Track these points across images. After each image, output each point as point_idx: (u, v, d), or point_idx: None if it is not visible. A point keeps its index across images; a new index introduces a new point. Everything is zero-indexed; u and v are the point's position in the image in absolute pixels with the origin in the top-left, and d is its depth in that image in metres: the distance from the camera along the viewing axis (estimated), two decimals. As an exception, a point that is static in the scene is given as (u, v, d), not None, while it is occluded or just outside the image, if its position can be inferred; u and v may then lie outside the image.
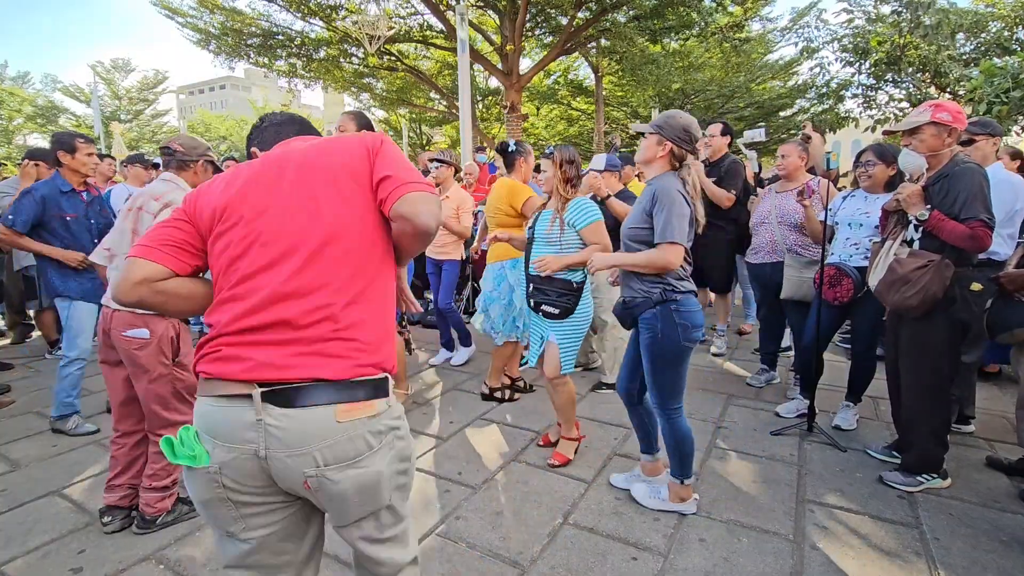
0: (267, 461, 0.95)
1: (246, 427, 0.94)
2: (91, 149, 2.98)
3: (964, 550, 1.91)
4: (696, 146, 1.99)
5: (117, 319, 1.99)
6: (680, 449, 2.09)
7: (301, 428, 0.94)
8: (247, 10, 11.21)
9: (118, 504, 2.08)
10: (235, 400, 0.95)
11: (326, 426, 0.95)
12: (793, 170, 3.23)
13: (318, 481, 0.96)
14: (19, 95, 23.28)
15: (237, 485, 0.97)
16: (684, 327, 1.96)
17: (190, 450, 0.95)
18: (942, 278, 2.07)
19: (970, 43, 8.93)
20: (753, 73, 15.73)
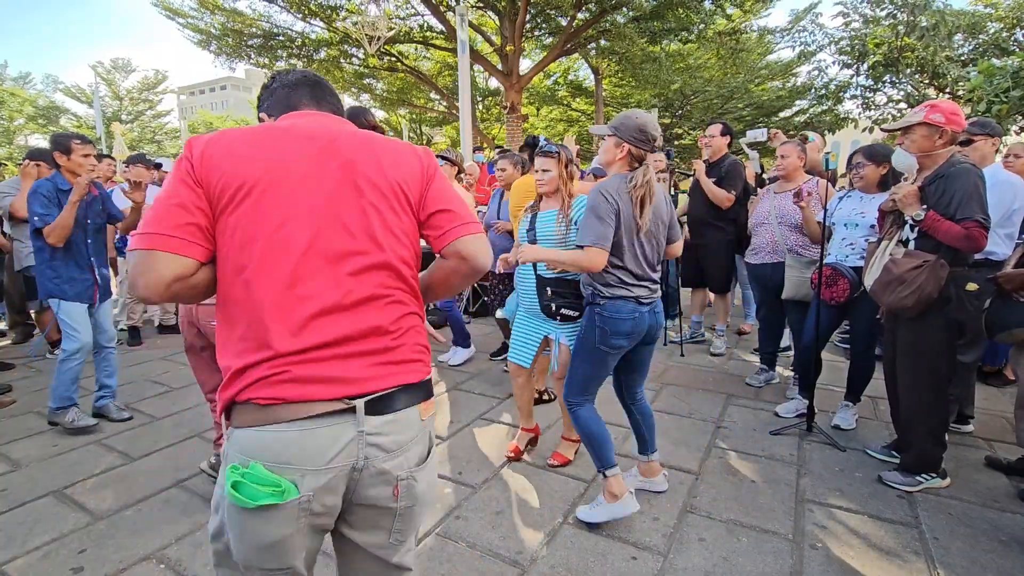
0: (361, 474, 0.92)
1: (343, 444, 0.89)
2: (87, 150, 2.96)
3: (963, 550, 1.91)
4: (655, 145, 1.96)
5: (203, 312, 2.13)
6: (587, 438, 2.09)
7: (399, 432, 0.95)
8: (248, 11, 11.24)
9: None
10: (326, 418, 0.88)
11: (416, 426, 0.98)
12: (792, 170, 3.24)
13: (407, 484, 0.96)
14: (20, 96, 23.31)
15: (324, 509, 0.91)
16: (602, 331, 1.97)
17: (273, 486, 0.85)
18: (937, 278, 2.08)
19: (968, 44, 8.95)
20: (752, 74, 15.74)
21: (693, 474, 2.45)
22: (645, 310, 2.00)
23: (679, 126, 17.87)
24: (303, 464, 0.87)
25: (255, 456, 0.87)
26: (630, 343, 2.02)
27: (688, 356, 4.16)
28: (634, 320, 1.98)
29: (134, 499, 2.27)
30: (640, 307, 1.99)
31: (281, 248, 0.89)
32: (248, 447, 0.88)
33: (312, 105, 1.08)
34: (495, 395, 3.46)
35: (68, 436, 2.89)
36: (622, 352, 2.05)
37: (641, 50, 11.47)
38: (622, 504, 2.03)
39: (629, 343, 2.02)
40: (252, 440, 0.88)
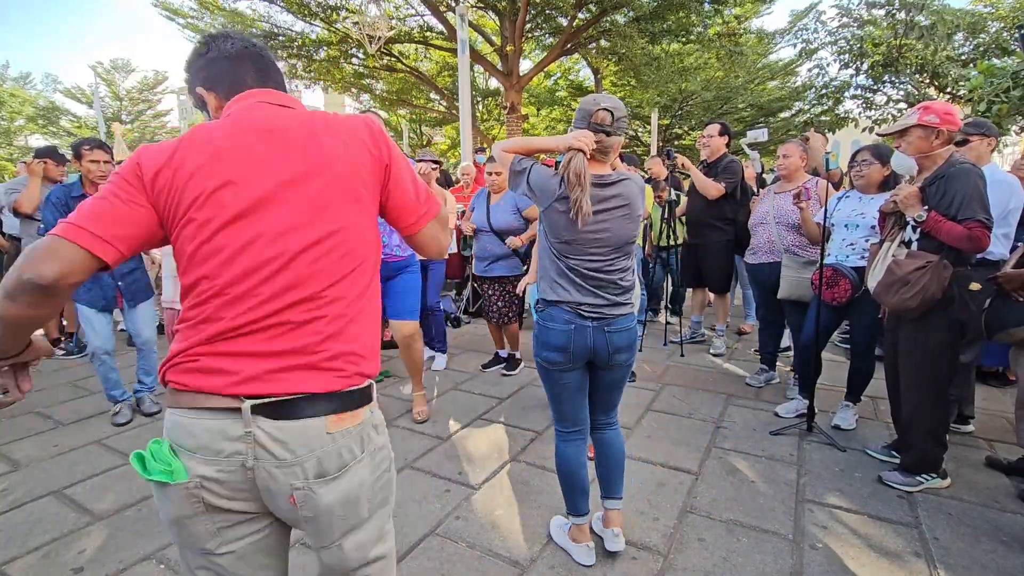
0: (253, 472, 0.90)
1: (230, 438, 0.89)
2: (96, 156, 3.00)
3: (963, 550, 1.91)
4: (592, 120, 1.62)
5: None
6: (560, 477, 1.86)
7: (293, 441, 0.90)
8: (248, 11, 11.24)
9: None
10: (220, 412, 0.89)
11: (319, 439, 0.91)
12: (794, 170, 3.24)
13: (304, 495, 0.91)
14: (20, 96, 23.31)
15: (220, 499, 0.91)
16: (536, 340, 1.77)
17: (165, 464, 0.88)
18: (940, 279, 2.08)
19: (969, 43, 8.95)
20: (752, 74, 15.73)
21: (693, 474, 2.45)
22: (588, 324, 1.67)
23: (679, 126, 17.87)
24: (193, 451, 0.89)
25: (168, 435, 0.92)
26: (568, 360, 1.70)
27: (688, 356, 4.16)
28: (568, 333, 1.67)
29: (134, 499, 2.27)
30: (580, 320, 1.67)
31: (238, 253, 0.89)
32: (166, 425, 0.93)
33: (258, 83, 1.02)
34: (495, 395, 3.46)
35: (68, 436, 2.90)
36: (564, 371, 1.73)
37: (641, 50, 11.47)
38: (576, 547, 1.85)
39: (565, 360, 1.70)
40: (167, 419, 0.93)
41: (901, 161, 2.24)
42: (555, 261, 1.70)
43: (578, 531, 1.87)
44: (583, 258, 1.66)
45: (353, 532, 0.98)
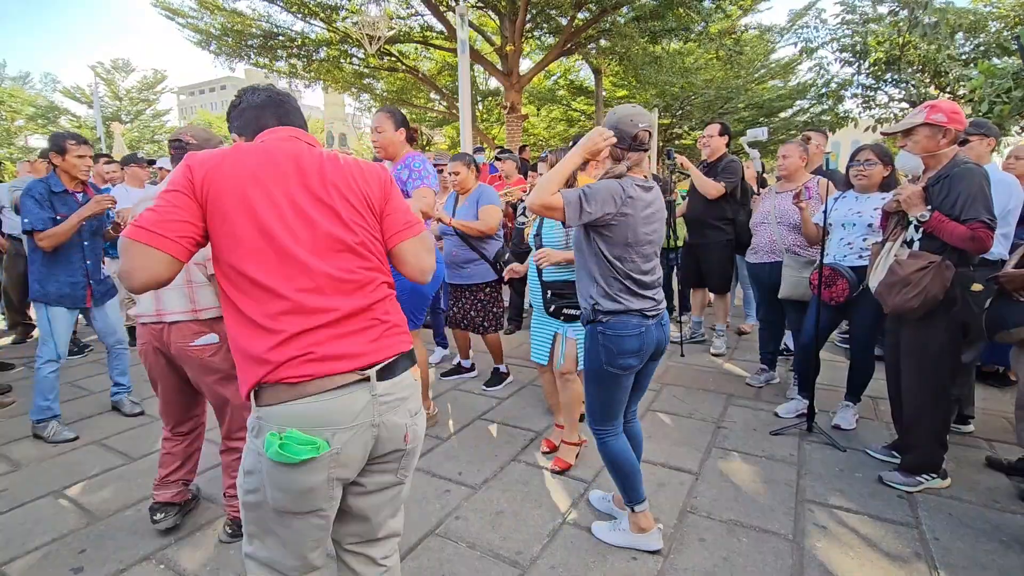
0: (378, 428, 1.11)
1: (362, 405, 1.09)
2: (82, 151, 2.90)
3: (964, 550, 1.91)
4: (635, 140, 1.72)
5: (177, 332, 1.88)
6: (616, 472, 1.92)
7: (401, 391, 1.15)
8: (247, 11, 11.22)
9: (171, 500, 2.04)
10: (348, 387, 1.07)
11: (412, 385, 1.19)
12: (794, 170, 3.24)
13: (413, 429, 1.18)
14: (20, 96, 23.30)
15: (348, 461, 1.10)
16: (607, 350, 1.78)
17: (308, 444, 1.02)
18: (943, 279, 2.07)
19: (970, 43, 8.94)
20: (752, 74, 15.73)
21: (693, 474, 2.45)
22: (652, 323, 1.80)
23: (679, 126, 17.86)
24: (330, 426, 1.05)
25: (292, 423, 1.04)
26: (640, 361, 1.82)
27: (688, 356, 4.16)
28: (640, 336, 1.78)
29: (134, 499, 2.27)
30: (645, 320, 1.79)
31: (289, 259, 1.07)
32: (287, 414, 1.04)
33: (277, 123, 1.23)
34: (495, 395, 3.46)
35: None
36: (634, 371, 1.85)
37: (642, 50, 11.46)
38: (647, 538, 1.93)
39: (639, 361, 1.82)
40: (286, 412, 1.04)
41: (906, 160, 2.21)
42: (610, 270, 1.76)
43: (645, 518, 1.94)
44: (638, 261, 1.77)
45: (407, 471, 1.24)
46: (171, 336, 1.88)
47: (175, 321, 1.88)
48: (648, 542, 1.92)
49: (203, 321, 1.90)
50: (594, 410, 1.91)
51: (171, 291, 1.88)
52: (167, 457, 2.08)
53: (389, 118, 2.59)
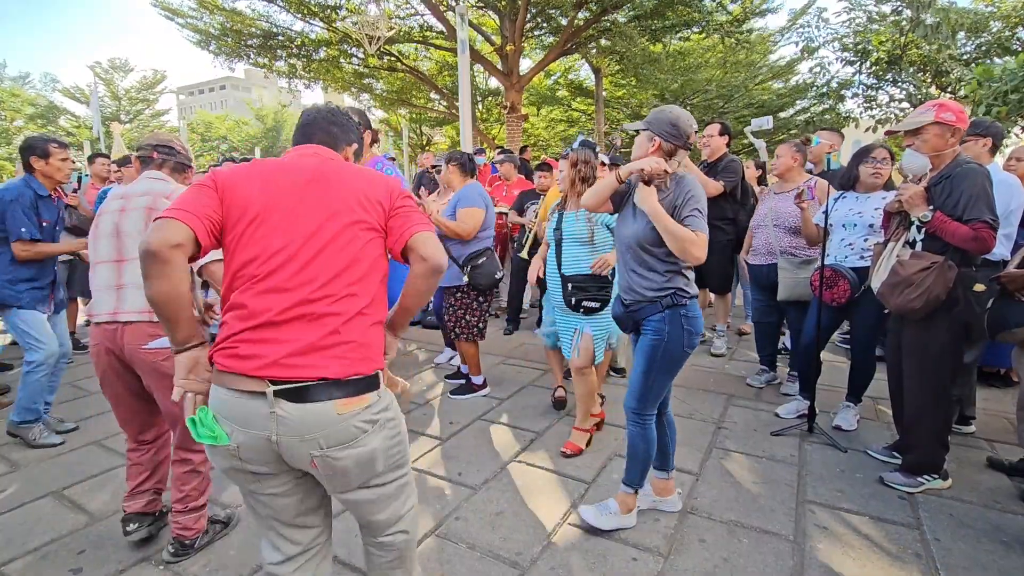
0: (277, 444, 1.10)
1: (260, 416, 1.08)
2: (65, 154, 2.87)
3: (965, 551, 1.91)
4: (688, 140, 1.92)
5: (131, 333, 1.82)
6: (647, 456, 2.00)
7: (310, 419, 1.09)
8: (247, 11, 11.22)
9: (143, 511, 1.98)
10: (250, 394, 1.08)
11: (330, 418, 1.10)
12: (785, 170, 3.22)
13: (323, 460, 1.12)
14: (20, 96, 23.30)
15: (251, 460, 1.13)
16: (689, 333, 1.91)
17: (210, 431, 1.10)
18: (945, 280, 2.07)
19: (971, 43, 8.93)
20: (753, 73, 15.72)
21: (694, 475, 2.44)
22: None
23: (679, 126, 17.82)
24: (232, 422, 1.10)
25: (212, 406, 1.13)
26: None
27: (688, 356, 4.15)
28: (701, 317, 1.98)
29: (133, 500, 2.26)
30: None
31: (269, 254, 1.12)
32: (212, 397, 1.14)
33: (304, 142, 1.35)
34: (495, 396, 3.45)
35: (68, 436, 2.88)
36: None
37: (642, 50, 11.45)
38: (630, 517, 2.05)
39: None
40: (213, 393, 1.14)
41: (913, 160, 2.18)
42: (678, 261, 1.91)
43: (634, 499, 2.06)
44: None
45: (369, 486, 1.21)
46: (125, 337, 1.83)
47: (129, 321, 1.83)
48: (631, 521, 2.05)
49: (158, 323, 1.78)
50: (652, 396, 1.97)
51: (134, 289, 1.85)
52: (134, 468, 2.00)
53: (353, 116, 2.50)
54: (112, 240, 1.92)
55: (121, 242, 1.92)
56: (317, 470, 1.13)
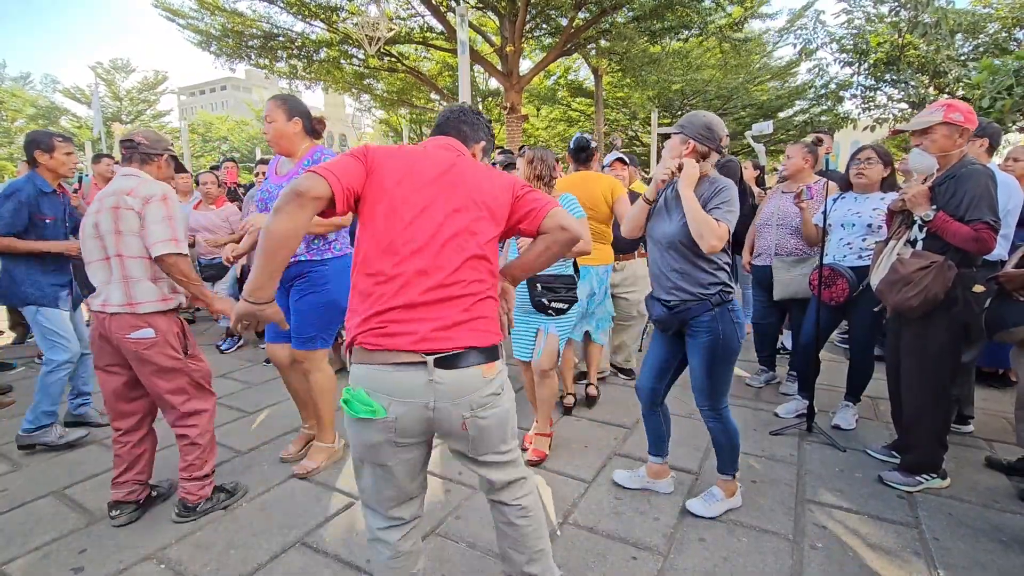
0: (433, 411, 1.21)
1: (418, 385, 1.20)
2: (69, 148, 2.86)
3: (963, 550, 1.91)
4: (720, 143, 1.97)
5: (117, 323, 1.97)
6: (734, 443, 2.11)
7: (461, 383, 1.23)
8: (248, 12, 11.23)
9: (125, 499, 2.12)
10: (408, 366, 1.20)
11: (477, 381, 1.25)
12: (796, 171, 3.21)
13: (472, 421, 1.26)
14: (21, 96, 23.33)
15: (404, 431, 1.23)
16: (739, 326, 1.99)
17: (368, 405, 1.19)
18: (944, 279, 2.07)
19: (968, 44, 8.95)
20: (752, 74, 15.74)
21: (693, 474, 2.45)
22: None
23: (679, 126, 17.85)
24: (391, 395, 1.20)
25: (362, 383, 1.22)
26: None
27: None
28: (741, 309, 2.07)
29: (134, 499, 2.27)
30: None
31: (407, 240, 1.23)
32: (359, 375, 1.23)
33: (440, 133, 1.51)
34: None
35: (68, 436, 2.88)
36: None
37: (641, 50, 11.48)
38: (736, 498, 2.17)
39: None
40: (361, 371, 1.23)
41: (920, 160, 2.17)
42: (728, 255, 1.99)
43: (734, 484, 2.17)
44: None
45: (500, 450, 1.35)
46: (112, 326, 1.99)
47: (115, 313, 1.98)
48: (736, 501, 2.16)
49: (139, 315, 1.99)
50: (720, 390, 2.03)
51: (111, 286, 1.99)
52: (116, 459, 2.14)
53: (280, 106, 2.28)
54: (96, 241, 2.02)
55: (105, 241, 2.01)
56: (466, 432, 1.26)
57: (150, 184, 2.02)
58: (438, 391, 1.21)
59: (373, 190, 1.25)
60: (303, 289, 2.39)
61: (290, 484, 2.40)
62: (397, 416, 1.21)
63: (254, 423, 3.10)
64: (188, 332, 2.15)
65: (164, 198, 1.99)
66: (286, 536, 2.02)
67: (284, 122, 2.28)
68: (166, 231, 1.96)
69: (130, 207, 1.96)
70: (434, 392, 1.21)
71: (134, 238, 1.97)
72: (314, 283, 2.37)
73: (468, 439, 1.29)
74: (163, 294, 2.04)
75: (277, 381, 3.77)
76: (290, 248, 1.17)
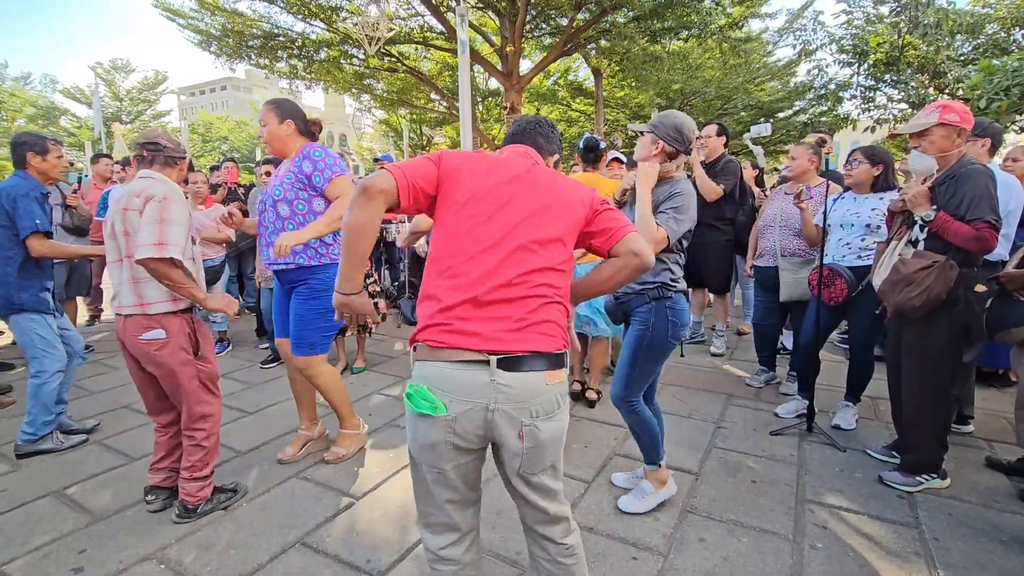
0: (493, 414, 1.19)
1: (480, 385, 1.18)
2: (60, 151, 2.87)
3: (963, 550, 1.91)
4: (689, 145, 1.99)
5: (130, 325, 2.01)
6: (651, 434, 2.13)
7: (524, 388, 1.20)
8: (248, 12, 11.23)
9: (161, 484, 2.20)
10: (471, 364, 1.18)
11: (540, 387, 1.22)
12: (801, 172, 3.20)
13: (530, 430, 1.22)
14: (21, 96, 23.33)
15: (464, 432, 1.21)
16: (675, 324, 1.99)
17: (429, 402, 1.18)
18: (946, 279, 2.07)
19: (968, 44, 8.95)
20: (752, 74, 15.73)
21: (693, 474, 2.45)
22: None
23: (679, 127, 17.84)
24: (452, 394, 1.18)
25: (424, 381, 1.21)
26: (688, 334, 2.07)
27: (688, 356, 4.16)
28: (688, 310, 2.05)
29: (134, 499, 2.27)
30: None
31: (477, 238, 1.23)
32: (421, 373, 1.23)
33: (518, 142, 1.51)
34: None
35: (68, 436, 2.89)
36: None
37: (641, 50, 11.47)
38: (667, 489, 2.19)
39: (688, 334, 2.06)
40: (423, 369, 1.22)
41: (919, 162, 2.19)
42: (681, 250, 2.03)
43: (665, 472, 2.20)
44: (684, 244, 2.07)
45: (552, 466, 1.30)
46: (126, 329, 2.02)
47: (129, 315, 2.01)
48: (669, 490, 2.19)
49: (151, 316, 2.00)
50: (635, 384, 2.06)
51: (123, 287, 2.02)
52: (156, 445, 2.23)
53: (273, 110, 2.35)
54: (113, 241, 2.06)
55: (119, 242, 2.04)
56: (522, 442, 1.22)
57: (156, 184, 2.01)
58: (499, 392, 1.19)
59: (448, 190, 1.27)
60: (304, 295, 2.41)
61: (290, 484, 2.40)
62: (456, 415, 1.19)
63: (254, 423, 3.10)
64: (202, 332, 2.16)
65: (164, 199, 1.96)
66: (286, 536, 2.02)
67: (276, 125, 2.36)
68: (151, 234, 1.91)
69: (135, 208, 1.97)
70: (495, 393, 1.19)
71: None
72: (314, 289, 2.39)
73: (522, 452, 1.24)
74: (172, 294, 2.02)
75: (277, 381, 3.77)
76: (368, 239, 1.24)
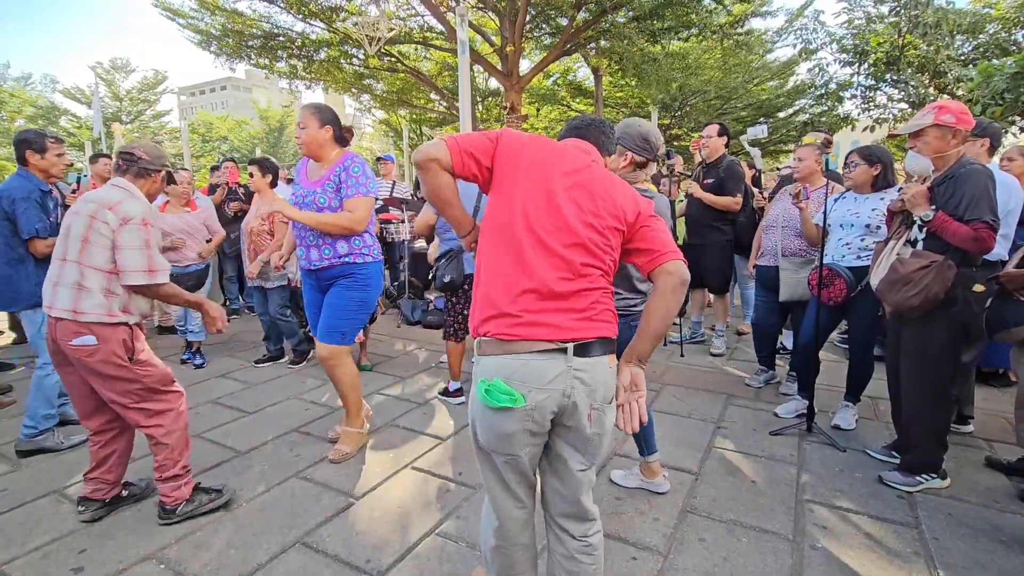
0: (568, 399, 1.23)
1: (557, 373, 1.21)
2: (61, 150, 2.88)
3: (963, 550, 1.91)
4: (657, 153, 2.00)
5: (61, 329, 1.92)
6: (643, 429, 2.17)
7: (595, 372, 1.25)
8: (248, 12, 11.23)
9: (90, 496, 2.13)
10: (548, 354, 1.22)
11: (606, 370, 1.28)
12: (808, 174, 3.17)
13: (599, 414, 1.27)
14: (21, 96, 23.32)
15: (541, 419, 1.24)
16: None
17: (508, 394, 1.20)
18: (944, 279, 2.07)
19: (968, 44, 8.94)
20: (751, 74, 15.73)
21: (693, 474, 2.45)
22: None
23: (678, 127, 17.87)
24: (530, 383, 1.21)
25: (498, 373, 1.22)
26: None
27: (688, 356, 4.16)
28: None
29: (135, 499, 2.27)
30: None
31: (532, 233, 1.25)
32: (490, 367, 1.24)
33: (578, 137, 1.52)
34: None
35: (68, 436, 2.89)
36: None
37: (641, 50, 11.47)
38: (655, 482, 2.26)
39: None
40: (495, 363, 1.24)
41: (915, 162, 2.20)
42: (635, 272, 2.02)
43: (657, 466, 2.29)
44: None
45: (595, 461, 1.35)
46: (57, 331, 1.94)
47: (59, 318, 1.93)
48: (657, 486, 2.26)
49: (82, 323, 1.92)
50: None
51: (60, 287, 1.94)
52: (90, 455, 2.15)
53: (314, 114, 2.43)
54: (63, 240, 1.99)
55: (68, 243, 1.97)
56: (591, 425, 1.26)
57: (132, 203, 1.96)
58: (576, 378, 1.23)
59: (504, 173, 1.31)
60: (347, 285, 2.56)
61: (290, 484, 2.40)
62: (535, 404, 1.22)
63: (254, 423, 3.11)
64: (136, 338, 2.03)
65: (144, 222, 1.93)
66: (286, 536, 2.02)
67: (316, 129, 2.43)
68: (141, 261, 1.92)
69: (106, 222, 1.90)
70: (572, 379, 1.23)
71: (101, 251, 1.92)
72: (359, 281, 2.56)
73: (587, 436, 1.28)
74: (110, 310, 1.94)
75: (277, 381, 3.77)
76: (448, 194, 1.34)
